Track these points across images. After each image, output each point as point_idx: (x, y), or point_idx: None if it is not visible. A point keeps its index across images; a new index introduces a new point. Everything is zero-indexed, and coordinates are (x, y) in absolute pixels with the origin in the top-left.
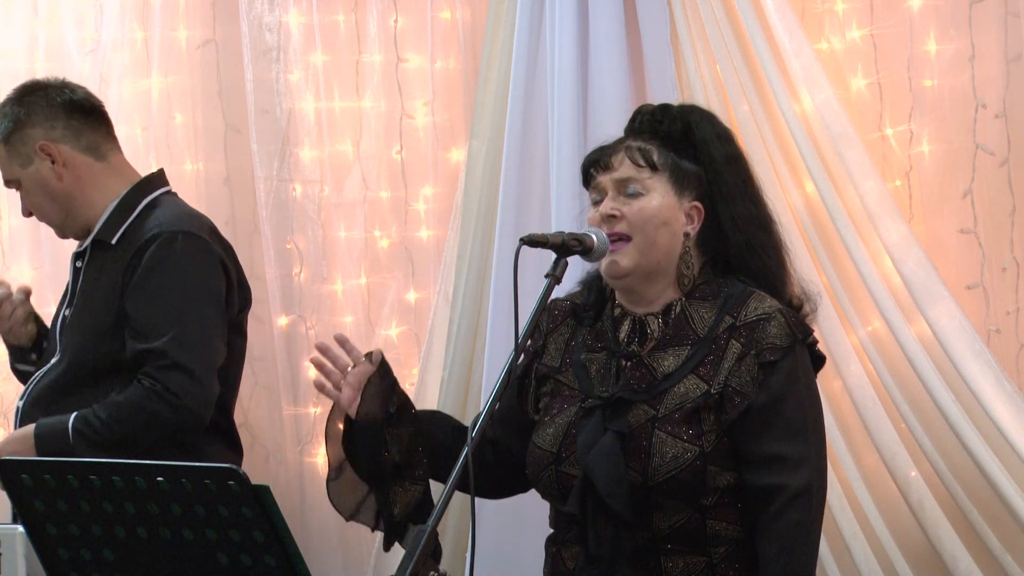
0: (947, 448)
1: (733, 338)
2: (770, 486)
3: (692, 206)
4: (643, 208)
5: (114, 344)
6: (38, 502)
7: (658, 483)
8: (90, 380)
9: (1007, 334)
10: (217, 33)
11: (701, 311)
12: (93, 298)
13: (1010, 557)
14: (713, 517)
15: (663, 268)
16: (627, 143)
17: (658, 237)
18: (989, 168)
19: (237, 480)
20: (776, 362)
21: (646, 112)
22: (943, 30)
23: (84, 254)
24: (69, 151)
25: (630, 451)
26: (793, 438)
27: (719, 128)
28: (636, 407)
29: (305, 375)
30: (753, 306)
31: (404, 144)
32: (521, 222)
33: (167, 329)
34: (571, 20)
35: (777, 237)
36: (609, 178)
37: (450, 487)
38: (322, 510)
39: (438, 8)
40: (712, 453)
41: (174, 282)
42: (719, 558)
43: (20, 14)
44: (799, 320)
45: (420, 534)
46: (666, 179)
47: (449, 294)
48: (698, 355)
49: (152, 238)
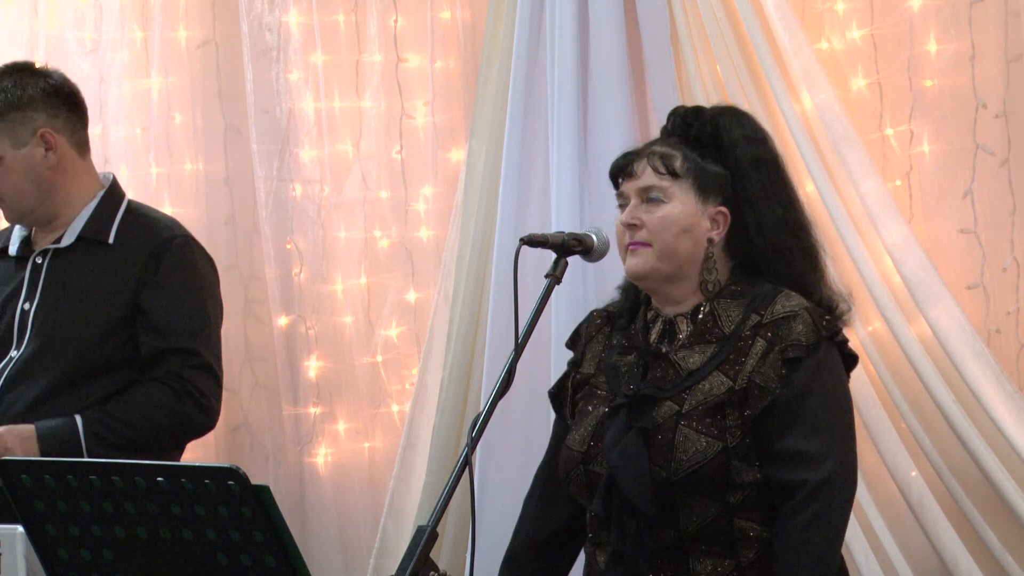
0: (947, 448)
1: (759, 335)
2: (791, 482)
3: (717, 211)
4: (664, 216)
5: (120, 339)
6: (38, 502)
7: (681, 478)
8: (95, 374)
9: (1007, 334)
10: (217, 33)
11: (729, 310)
12: (89, 294)
13: (1010, 557)
14: (741, 516)
15: (685, 273)
16: (651, 148)
17: (678, 244)
18: (989, 168)
19: (237, 480)
20: (801, 359)
21: (679, 114)
22: (943, 30)
23: (48, 251)
24: (64, 143)
25: (654, 447)
26: (816, 434)
27: (749, 130)
28: (661, 404)
29: (305, 375)
30: (780, 304)
31: (404, 144)
32: (521, 222)
33: (196, 329)
34: (571, 20)
35: (809, 240)
36: (632, 186)
37: (450, 487)
38: (322, 510)
39: (438, 8)
40: (736, 448)
41: (198, 284)
42: (748, 562)
43: (20, 14)
44: (827, 318)
45: (420, 534)
46: (688, 185)
47: (449, 294)
48: (723, 352)
49: (169, 239)
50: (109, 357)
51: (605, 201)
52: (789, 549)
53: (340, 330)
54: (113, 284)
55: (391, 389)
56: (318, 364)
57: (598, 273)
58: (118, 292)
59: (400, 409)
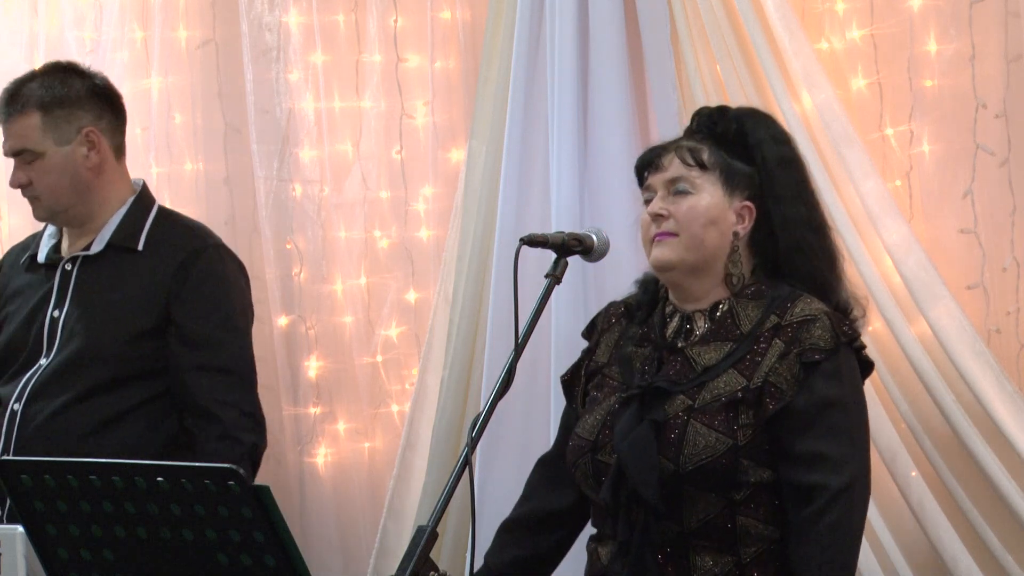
0: (947, 448)
1: (777, 337)
2: (811, 484)
3: (743, 205)
4: (692, 206)
5: (150, 348)
6: (38, 502)
7: (689, 472)
8: (125, 382)
9: (1007, 334)
10: (217, 33)
11: (748, 309)
12: (119, 302)
13: (1010, 557)
14: (744, 513)
15: (710, 266)
16: (679, 143)
17: (705, 235)
18: (989, 168)
19: (237, 480)
20: (820, 363)
21: (704, 114)
22: (943, 30)
23: (78, 258)
24: (106, 145)
25: (664, 440)
26: (836, 438)
27: (774, 130)
28: (674, 398)
29: (305, 375)
30: (799, 307)
31: (404, 144)
32: (521, 222)
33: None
34: (571, 20)
35: (829, 241)
36: (660, 178)
37: (450, 487)
38: (322, 510)
39: (438, 8)
40: (746, 447)
41: (229, 295)
42: (749, 559)
43: (20, 14)
44: (846, 323)
45: (420, 534)
46: (716, 178)
47: (449, 294)
48: (740, 351)
49: (200, 249)
50: (140, 365)
51: (605, 201)
52: (813, 554)
53: (340, 330)
54: (143, 293)
55: (391, 389)
56: (318, 364)
57: (598, 273)
58: (148, 301)
59: (400, 409)
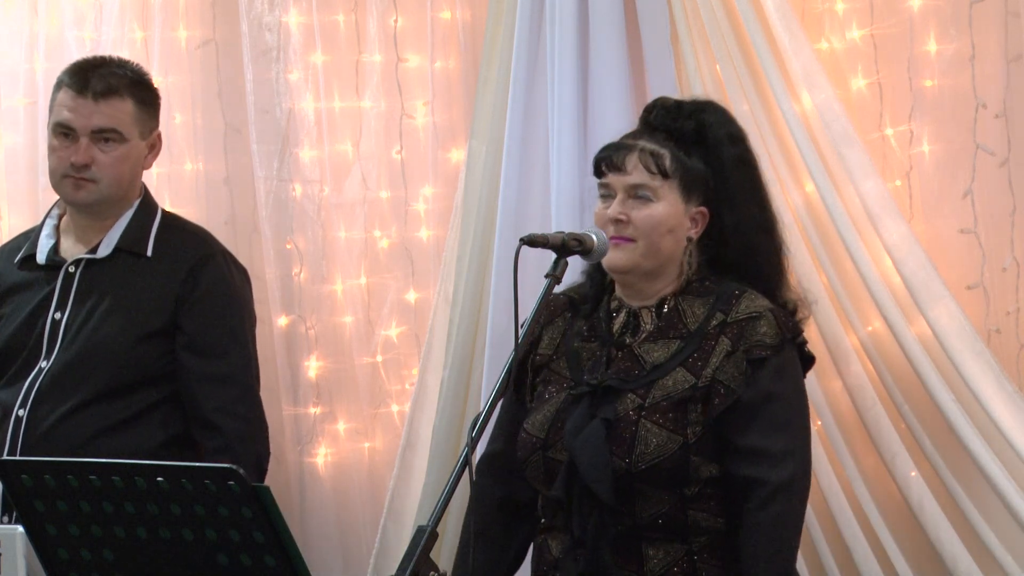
0: (947, 448)
1: (723, 334)
2: (752, 478)
3: (698, 211)
4: (651, 215)
5: (156, 352)
6: (38, 502)
7: (641, 470)
8: (130, 387)
9: (1007, 334)
10: (217, 33)
11: (694, 307)
12: (126, 306)
13: (1010, 557)
14: (695, 508)
15: (664, 269)
16: (641, 144)
17: (662, 243)
18: (989, 168)
19: (237, 480)
20: (765, 359)
21: (663, 107)
22: (943, 30)
23: (82, 260)
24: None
25: (616, 438)
26: (777, 433)
27: (731, 128)
28: (624, 396)
29: (305, 375)
30: (745, 304)
31: (404, 144)
32: (521, 222)
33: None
34: (571, 20)
35: (778, 239)
36: (621, 181)
37: (450, 487)
38: (322, 510)
39: (438, 8)
40: (696, 444)
41: (236, 304)
42: (699, 547)
43: (20, 14)
44: (790, 320)
45: (420, 534)
46: (675, 185)
47: (449, 294)
48: (687, 349)
49: (208, 256)
50: (146, 369)
51: None
52: (759, 545)
53: (340, 330)
54: (152, 298)
55: (391, 389)
56: (318, 364)
57: None
58: (157, 306)
59: (400, 409)
